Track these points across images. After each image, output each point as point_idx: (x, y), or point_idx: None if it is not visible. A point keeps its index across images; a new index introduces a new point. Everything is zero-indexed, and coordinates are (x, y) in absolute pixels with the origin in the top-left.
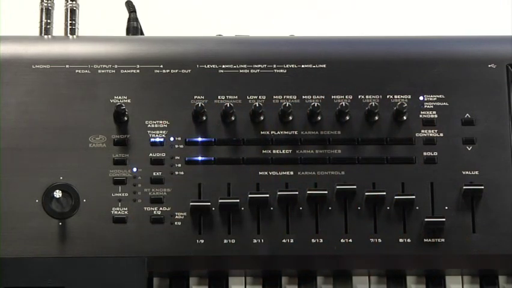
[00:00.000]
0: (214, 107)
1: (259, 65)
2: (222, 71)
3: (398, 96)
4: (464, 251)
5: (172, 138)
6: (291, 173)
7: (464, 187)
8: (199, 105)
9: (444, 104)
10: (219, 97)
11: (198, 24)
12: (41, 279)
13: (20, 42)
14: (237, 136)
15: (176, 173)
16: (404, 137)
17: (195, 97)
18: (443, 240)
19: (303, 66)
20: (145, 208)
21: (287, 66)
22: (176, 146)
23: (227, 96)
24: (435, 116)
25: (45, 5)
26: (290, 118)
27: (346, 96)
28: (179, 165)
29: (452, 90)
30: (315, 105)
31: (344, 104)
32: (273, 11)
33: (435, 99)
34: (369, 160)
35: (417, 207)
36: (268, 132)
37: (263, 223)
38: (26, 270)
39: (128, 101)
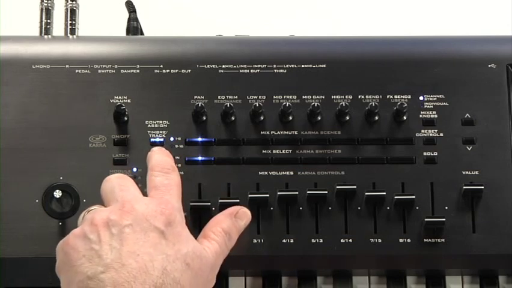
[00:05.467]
0: (214, 107)
1: (259, 65)
2: (222, 71)
3: (398, 96)
4: (464, 251)
5: (172, 138)
6: (291, 173)
7: (464, 187)
8: (199, 105)
9: (444, 104)
10: (219, 97)
11: (198, 24)
12: (41, 279)
13: (20, 42)
14: (237, 136)
15: None
16: (404, 137)
17: (195, 97)
18: (443, 240)
19: (303, 66)
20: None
21: (287, 66)
22: (176, 146)
23: (227, 96)
24: (435, 116)
25: (45, 5)
26: (290, 118)
27: (346, 96)
28: (180, 165)
29: (452, 90)
30: (315, 105)
31: (344, 104)
32: (273, 11)
33: (435, 99)
34: (369, 160)
35: (417, 207)
36: (268, 132)
37: (263, 223)
38: (26, 270)
39: (128, 101)
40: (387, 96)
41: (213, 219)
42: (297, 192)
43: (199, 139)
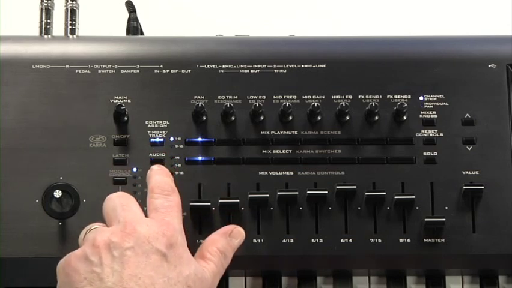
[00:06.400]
0: (214, 107)
1: (259, 65)
2: (222, 71)
3: (398, 96)
4: (464, 251)
5: (172, 138)
6: (291, 173)
7: (464, 187)
8: (199, 105)
9: (444, 104)
10: (219, 97)
11: (198, 24)
12: (41, 279)
13: (20, 42)
14: (237, 136)
15: (176, 173)
16: (404, 137)
17: (194, 97)
18: (443, 240)
19: (303, 66)
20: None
21: (287, 66)
22: (176, 146)
23: (227, 96)
24: (435, 116)
25: (45, 5)
26: (290, 118)
27: (346, 96)
28: (179, 165)
29: (452, 90)
30: (315, 105)
31: (344, 104)
32: (273, 11)
33: (435, 99)
34: (369, 160)
35: (417, 207)
36: (268, 132)
37: (263, 223)
38: (26, 270)
39: (128, 101)
40: (387, 96)
41: (207, 239)
42: (297, 192)
43: (199, 139)
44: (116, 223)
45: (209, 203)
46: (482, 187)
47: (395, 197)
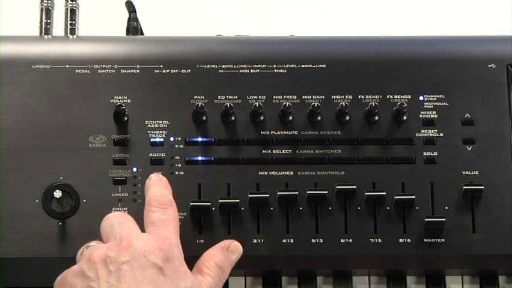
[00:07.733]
0: (214, 107)
1: (259, 65)
2: (222, 71)
3: (398, 96)
4: (464, 251)
5: (172, 138)
6: (291, 173)
7: (464, 187)
8: (199, 105)
9: (444, 104)
10: (219, 97)
11: (198, 24)
12: (41, 279)
13: (20, 42)
14: (237, 136)
15: (176, 173)
16: (404, 137)
17: (194, 97)
18: (443, 240)
19: (303, 66)
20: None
21: (287, 66)
22: (176, 146)
23: (227, 96)
24: (435, 116)
25: (45, 5)
26: (290, 118)
27: (346, 96)
28: (179, 165)
29: (452, 90)
30: (315, 105)
31: (344, 104)
32: (273, 11)
33: (435, 99)
34: (369, 160)
35: (417, 207)
36: (268, 132)
37: (263, 223)
38: (26, 270)
39: (128, 101)
40: (387, 96)
41: (205, 254)
42: (297, 192)
43: (199, 139)
44: (113, 239)
45: (209, 203)
46: (482, 187)
47: (395, 197)
